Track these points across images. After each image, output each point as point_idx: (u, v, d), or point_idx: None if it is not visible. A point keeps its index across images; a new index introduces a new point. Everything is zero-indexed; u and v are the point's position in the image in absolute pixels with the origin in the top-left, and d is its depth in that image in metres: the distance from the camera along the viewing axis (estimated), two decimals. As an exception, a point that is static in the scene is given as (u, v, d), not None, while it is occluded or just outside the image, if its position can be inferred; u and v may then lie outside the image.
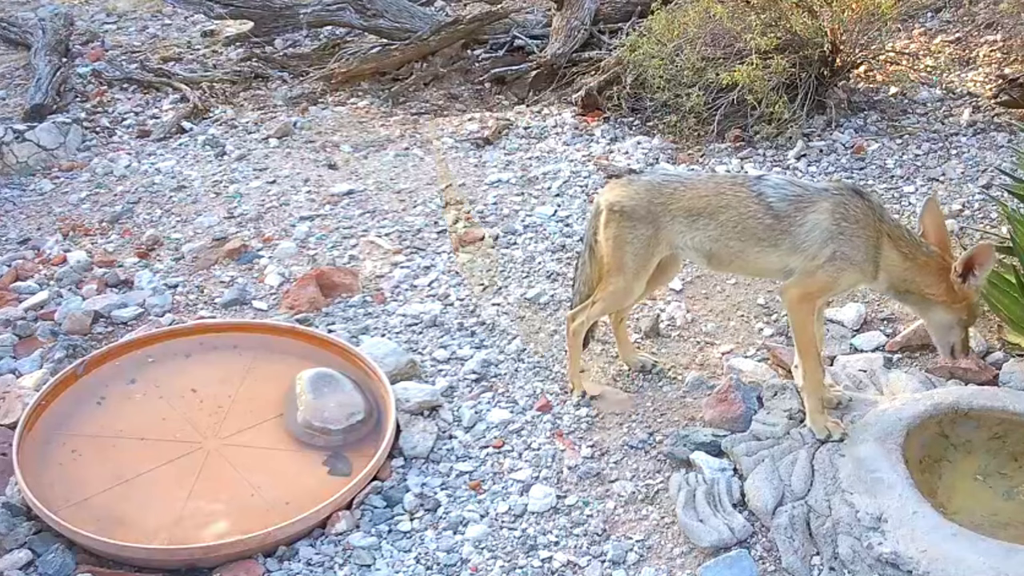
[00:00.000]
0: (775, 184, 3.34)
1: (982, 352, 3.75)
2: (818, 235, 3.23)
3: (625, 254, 3.47)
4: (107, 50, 7.13)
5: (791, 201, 3.28)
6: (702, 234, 3.39)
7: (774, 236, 3.30)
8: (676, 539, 3.12)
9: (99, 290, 4.40)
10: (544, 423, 3.60)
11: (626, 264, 3.48)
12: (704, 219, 3.38)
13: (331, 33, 7.21)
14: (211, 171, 5.50)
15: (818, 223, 3.23)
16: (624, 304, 3.67)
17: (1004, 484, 3.14)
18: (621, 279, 3.50)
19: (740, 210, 3.34)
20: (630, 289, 3.52)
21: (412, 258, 4.61)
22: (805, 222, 3.25)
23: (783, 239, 3.29)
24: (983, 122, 5.46)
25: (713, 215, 3.37)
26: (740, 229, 3.34)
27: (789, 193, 3.29)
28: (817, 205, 3.24)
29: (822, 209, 3.23)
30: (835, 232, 3.22)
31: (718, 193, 3.39)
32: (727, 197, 3.36)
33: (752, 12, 5.54)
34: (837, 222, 3.21)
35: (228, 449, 3.46)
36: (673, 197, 3.43)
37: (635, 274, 3.49)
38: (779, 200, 3.29)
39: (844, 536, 2.90)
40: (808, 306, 3.33)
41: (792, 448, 3.22)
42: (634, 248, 3.45)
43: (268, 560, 3.09)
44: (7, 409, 3.59)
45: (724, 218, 3.36)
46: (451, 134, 5.81)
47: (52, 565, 3.03)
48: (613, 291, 3.54)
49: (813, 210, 3.24)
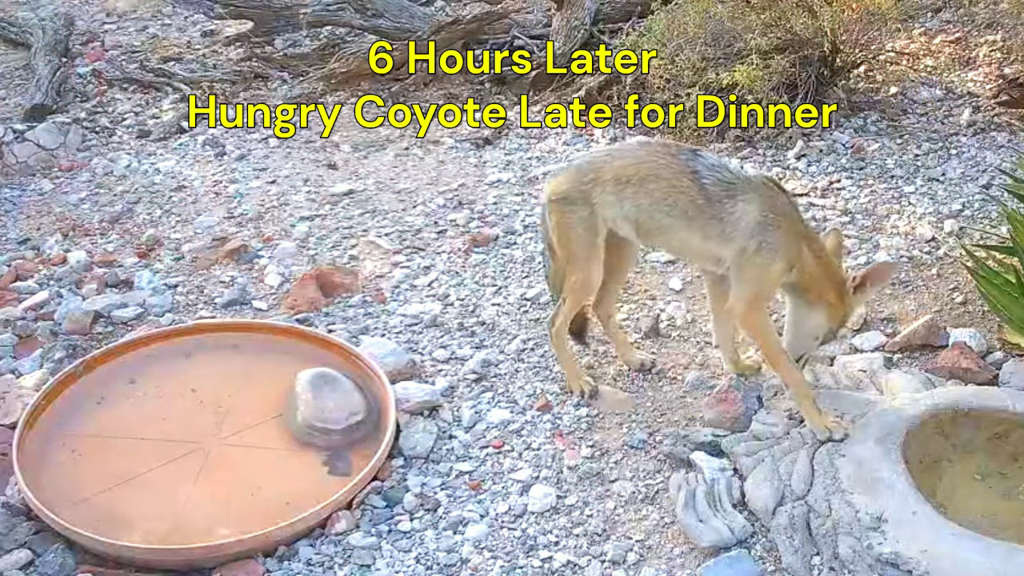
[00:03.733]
0: (710, 165, 3.32)
1: (982, 352, 3.75)
2: (745, 226, 3.25)
3: (571, 241, 3.48)
4: (107, 50, 7.12)
5: (724, 187, 3.28)
6: (629, 203, 3.38)
7: (703, 220, 3.30)
8: (676, 539, 3.12)
9: (99, 290, 4.40)
10: (544, 423, 3.60)
11: (575, 251, 3.48)
12: (632, 187, 3.36)
13: (331, 33, 7.20)
14: (211, 171, 5.50)
15: (748, 211, 3.24)
16: (590, 292, 3.62)
17: (1004, 484, 3.15)
18: (577, 268, 3.51)
19: (672, 182, 3.33)
20: (588, 276, 3.50)
21: (412, 258, 4.61)
22: (735, 211, 3.26)
23: (712, 225, 3.29)
24: (983, 122, 5.46)
25: (641, 183, 3.35)
26: (669, 203, 3.33)
27: (722, 178, 3.29)
28: (747, 195, 3.26)
29: (748, 200, 3.25)
30: (761, 223, 3.24)
31: (647, 161, 3.38)
32: (657, 166, 3.35)
33: (752, 12, 5.53)
34: (765, 213, 3.24)
35: (228, 449, 3.46)
36: (602, 170, 3.42)
37: (587, 259, 3.47)
38: (713, 184, 3.29)
39: (844, 536, 2.90)
40: (759, 315, 3.35)
41: (792, 448, 3.22)
42: (577, 233, 3.45)
43: (268, 560, 3.10)
44: (7, 409, 3.59)
45: (652, 188, 3.34)
46: (451, 134, 5.81)
47: (52, 565, 3.04)
48: (574, 282, 3.54)
49: (743, 199, 3.25)
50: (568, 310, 3.63)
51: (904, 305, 4.10)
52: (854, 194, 4.90)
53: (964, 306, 4.07)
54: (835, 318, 3.39)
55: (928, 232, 4.53)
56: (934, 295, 4.16)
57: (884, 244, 4.48)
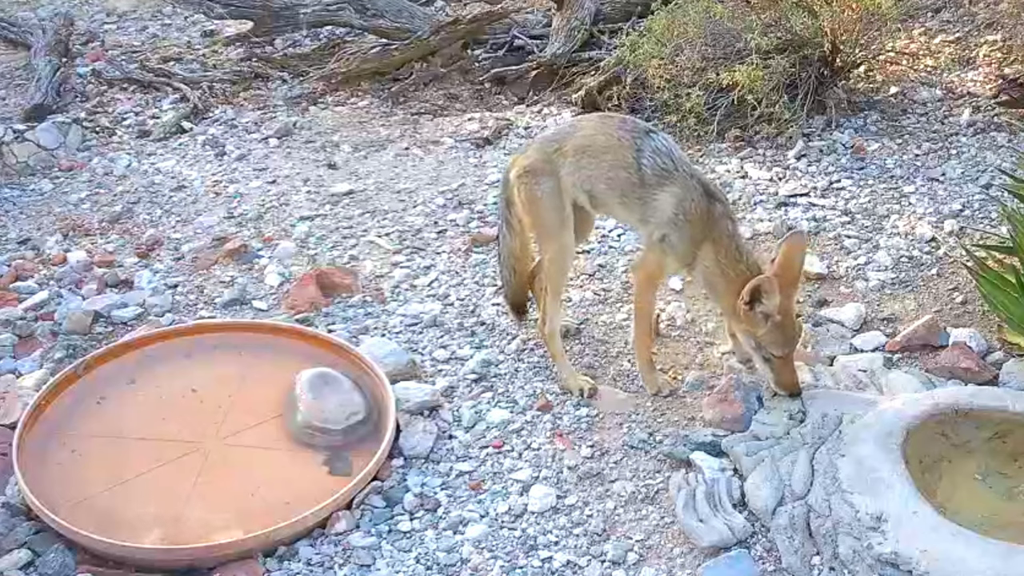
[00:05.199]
0: (656, 149, 3.47)
1: (982, 352, 3.75)
2: (659, 216, 3.44)
3: (542, 212, 3.61)
4: (107, 50, 7.12)
5: (658, 173, 3.44)
6: (585, 172, 3.55)
7: (633, 198, 3.49)
8: (676, 539, 3.12)
9: (99, 290, 4.40)
10: (544, 423, 3.60)
11: (548, 221, 3.61)
12: (588, 158, 3.54)
13: (331, 33, 7.20)
14: (211, 171, 5.50)
15: (665, 204, 3.42)
16: (567, 264, 3.77)
17: (1004, 484, 3.14)
18: (552, 239, 3.64)
19: (618, 156, 3.49)
20: (564, 244, 3.65)
21: (412, 258, 4.61)
22: (657, 198, 3.44)
23: (637, 206, 3.49)
24: (983, 122, 5.45)
25: (595, 155, 3.53)
26: (611, 176, 3.51)
27: (659, 164, 3.44)
28: (670, 188, 3.42)
29: (671, 193, 3.42)
30: (671, 219, 3.42)
31: (605, 133, 3.55)
32: (612, 140, 3.53)
33: (752, 12, 5.53)
34: (676, 211, 3.41)
35: (228, 449, 3.46)
36: (565, 141, 3.60)
37: (560, 226, 3.61)
38: (650, 168, 3.45)
39: (844, 536, 2.90)
40: (651, 287, 3.65)
41: (792, 448, 3.22)
42: (547, 202, 3.59)
43: (268, 560, 3.10)
44: (7, 409, 3.59)
45: (602, 159, 3.52)
46: (451, 134, 5.81)
47: (52, 565, 3.03)
48: (552, 257, 3.66)
49: (665, 191, 3.42)
50: (553, 299, 3.71)
51: (904, 305, 4.10)
52: (854, 194, 4.90)
53: (964, 306, 4.07)
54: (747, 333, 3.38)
55: (928, 232, 4.53)
56: (934, 295, 4.16)
57: (884, 244, 4.48)
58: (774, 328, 3.31)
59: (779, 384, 3.42)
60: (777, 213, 4.76)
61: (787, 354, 3.38)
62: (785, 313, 3.31)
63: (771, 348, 3.36)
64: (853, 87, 5.78)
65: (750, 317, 3.33)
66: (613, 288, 4.31)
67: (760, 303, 3.29)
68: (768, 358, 3.39)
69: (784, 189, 4.95)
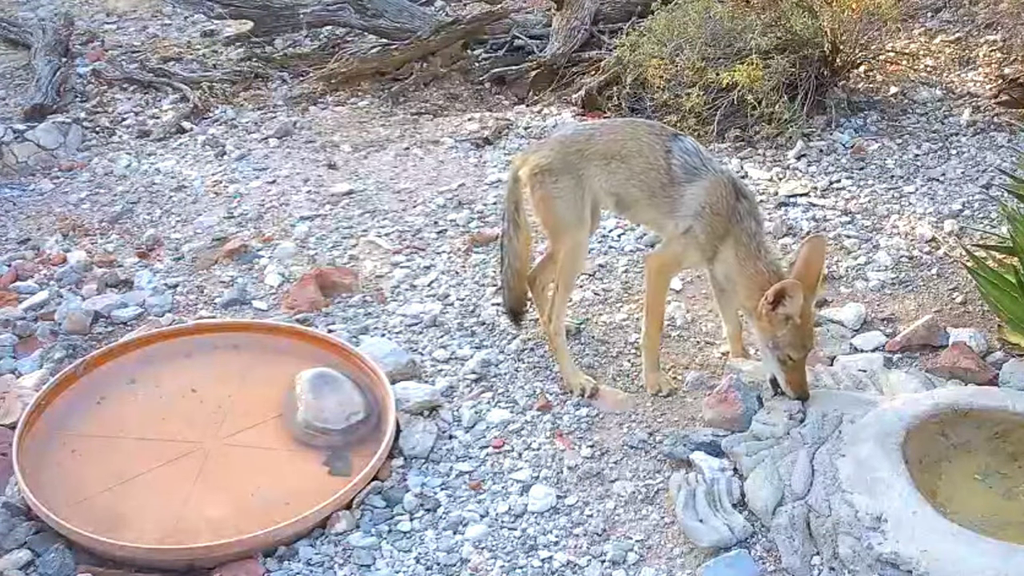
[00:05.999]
0: (685, 149, 3.53)
1: (982, 352, 3.75)
2: (686, 209, 3.47)
3: (558, 210, 3.64)
4: (107, 50, 7.12)
5: (688, 171, 3.49)
6: (617, 177, 3.60)
7: (661, 197, 3.54)
8: (676, 539, 3.12)
9: (99, 290, 4.40)
10: (544, 423, 3.60)
11: (564, 219, 3.65)
12: (618, 162, 3.59)
13: (331, 33, 7.20)
14: (211, 171, 5.50)
15: (695, 196, 3.46)
16: (581, 261, 3.82)
17: (1004, 484, 3.14)
18: (567, 236, 3.67)
19: (649, 159, 3.55)
20: (579, 241, 3.69)
21: (412, 258, 4.61)
22: (685, 193, 3.48)
23: (666, 203, 3.54)
24: (983, 122, 5.45)
25: (625, 159, 3.59)
26: (642, 179, 3.56)
27: (690, 163, 3.50)
28: (700, 183, 3.47)
29: (700, 187, 3.46)
30: (698, 211, 3.47)
31: (635, 138, 3.61)
32: (641, 144, 3.58)
33: (752, 12, 5.53)
34: (703, 204, 3.45)
35: (228, 449, 3.46)
36: (588, 143, 3.64)
37: (577, 224, 3.66)
38: (680, 167, 3.51)
39: (844, 536, 2.90)
40: (664, 278, 3.70)
41: (792, 448, 3.22)
42: (565, 202, 3.62)
43: (268, 560, 3.09)
44: (7, 409, 3.59)
45: (634, 163, 3.57)
46: (451, 134, 5.81)
47: (52, 565, 3.03)
48: (566, 253, 3.69)
49: (695, 185, 3.47)
50: (562, 296, 3.73)
51: (904, 305, 4.10)
52: (854, 194, 4.90)
53: (964, 306, 4.07)
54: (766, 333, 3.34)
55: (928, 232, 4.53)
56: (934, 295, 4.16)
57: (884, 244, 4.48)
58: (794, 330, 3.30)
59: (790, 386, 3.39)
60: (777, 213, 4.76)
61: (803, 357, 3.37)
62: (805, 317, 3.31)
63: (789, 350, 3.34)
64: (853, 87, 5.78)
65: (772, 318, 3.31)
66: (613, 288, 4.31)
67: (783, 305, 3.28)
68: (783, 360, 3.36)
69: (784, 189, 4.95)
